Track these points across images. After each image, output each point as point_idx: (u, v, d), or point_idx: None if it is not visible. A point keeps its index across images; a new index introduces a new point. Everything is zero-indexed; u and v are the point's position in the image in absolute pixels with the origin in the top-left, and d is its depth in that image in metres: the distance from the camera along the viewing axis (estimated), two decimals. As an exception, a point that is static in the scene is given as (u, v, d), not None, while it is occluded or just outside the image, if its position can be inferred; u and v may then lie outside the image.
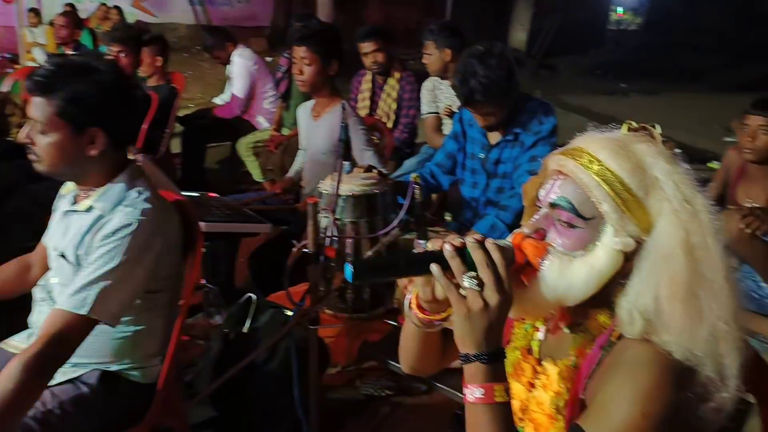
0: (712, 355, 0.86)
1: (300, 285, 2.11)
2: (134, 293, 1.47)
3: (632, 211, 0.90)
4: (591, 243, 0.92)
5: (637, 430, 0.82)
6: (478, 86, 2.19)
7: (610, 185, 0.90)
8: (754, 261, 2.19)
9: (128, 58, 3.61)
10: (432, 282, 0.98)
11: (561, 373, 0.99)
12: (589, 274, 0.91)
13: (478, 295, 0.87)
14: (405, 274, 0.94)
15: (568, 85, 8.97)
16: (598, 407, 0.87)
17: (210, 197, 2.64)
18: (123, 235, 1.44)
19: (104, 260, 1.42)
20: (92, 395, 1.57)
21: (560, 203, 0.94)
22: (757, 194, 2.46)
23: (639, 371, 0.85)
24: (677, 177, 0.91)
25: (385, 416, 2.37)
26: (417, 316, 1.03)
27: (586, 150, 0.94)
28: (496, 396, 0.86)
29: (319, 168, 2.77)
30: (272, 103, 4.44)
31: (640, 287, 0.89)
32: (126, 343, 1.60)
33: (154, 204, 1.51)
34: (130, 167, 1.56)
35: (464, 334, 0.88)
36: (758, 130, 2.36)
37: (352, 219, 1.99)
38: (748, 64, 8.81)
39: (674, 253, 0.87)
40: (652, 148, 0.94)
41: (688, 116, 6.90)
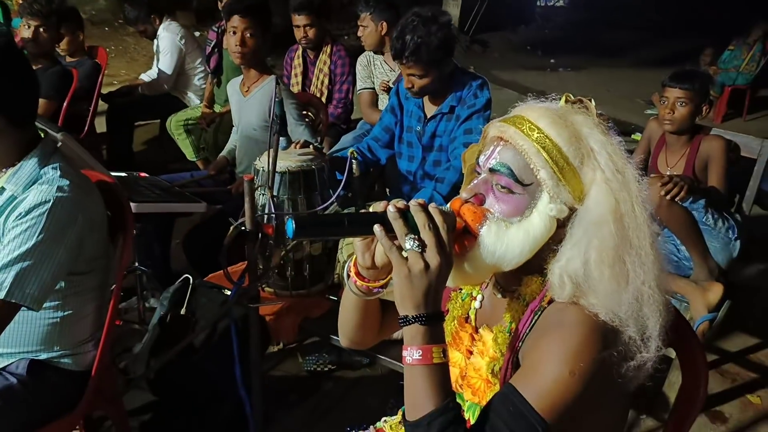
0: (635, 318, 0.90)
1: (238, 264, 2.08)
2: (56, 274, 1.40)
3: (567, 179, 0.93)
4: (527, 209, 0.94)
5: (566, 387, 0.86)
6: (412, 45, 2.20)
7: (549, 153, 0.93)
8: (673, 226, 2.32)
9: (48, 33, 3.37)
10: (372, 248, 0.99)
11: (495, 338, 1.03)
12: (525, 239, 0.93)
13: (419, 257, 0.88)
14: (346, 233, 0.94)
15: (499, 61, 9.11)
16: (530, 367, 0.91)
17: (140, 177, 2.55)
18: (39, 213, 1.36)
19: (20, 240, 1.35)
20: (21, 386, 1.51)
21: (499, 169, 0.96)
22: (676, 163, 2.59)
23: (567, 332, 0.89)
24: (611, 148, 0.95)
25: (329, 391, 2.40)
26: (356, 283, 1.04)
27: (527, 118, 0.97)
28: (434, 357, 0.88)
29: (252, 144, 2.72)
30: (202, 79, 4.30)
31: (571, 253, 0.92)
32: (54, 329, 1.53)
33: (71, 180, 1.44)
34: (42, 144, 1.48)
35: (404, 295, 0.89)
36: (676, 101, 2.48)
37: (289, 196, 1.97)
38: (667, 41, 9.21)
39: (604, 220, 0.90)
40: (589, 120, 0.97)
41: (612, 90, 7.18)
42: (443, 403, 0.87)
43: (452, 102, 2.39)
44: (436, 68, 2.28)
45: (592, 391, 0.87)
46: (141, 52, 7.94)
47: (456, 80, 2.40)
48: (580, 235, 0.91)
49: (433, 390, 0.88)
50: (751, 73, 6.24)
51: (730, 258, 2.44)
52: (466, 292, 1.14)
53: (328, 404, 2.33)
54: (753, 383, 2.54)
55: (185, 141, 4.05)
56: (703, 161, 2.51)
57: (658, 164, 2.65)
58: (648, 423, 2.27)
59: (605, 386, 0.90)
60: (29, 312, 1.43)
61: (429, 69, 2.27)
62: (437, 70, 2.29)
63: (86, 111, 3.67)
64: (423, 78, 2.29)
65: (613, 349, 0.88)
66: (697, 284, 2.32)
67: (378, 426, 1.33)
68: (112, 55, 6.31)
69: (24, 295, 1.34)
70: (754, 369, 2.62)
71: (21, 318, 1.47)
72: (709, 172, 2.49)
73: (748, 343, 2.76)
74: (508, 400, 0.88)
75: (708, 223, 2.40)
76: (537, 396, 0.86)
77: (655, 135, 2.72)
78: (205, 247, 2.47)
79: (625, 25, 10.30)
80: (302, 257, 2.01)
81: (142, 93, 4.26)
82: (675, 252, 2.44)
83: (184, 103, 4.26)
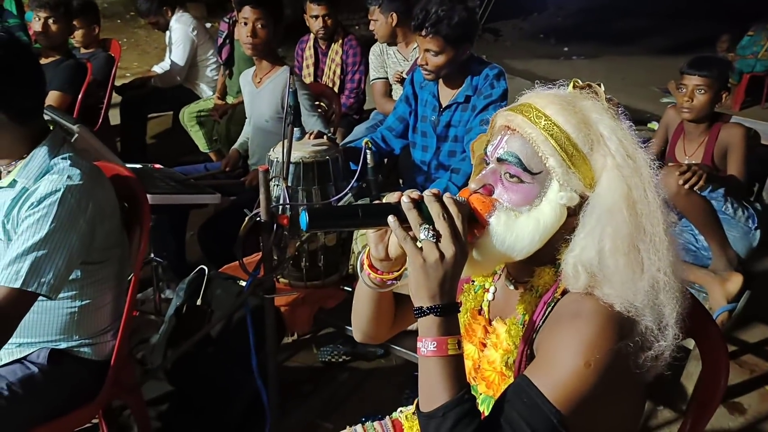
0: (651, 306, 0.89)
1: (253, 255, 2.08)
2: (70, 263, 1.42)
3: (577, 167, 0.92)
4: (537, 198, 0.93)
5: (581, 379, 0.85)
6: (434, 16, 2.19)
7: (557, 140, 0.91)
8: (692, 215, 2.29)
9: (58, 25, 3.38)
10: (385, 239, 0.98)
11: (509, 330, 1.02)
12: (535, 228, 0.92)
13: (434, 247, 0.87)
14: (361, 224, 0.94)
15: (512, 50, 9.02)
16: (544, 359, 0.90)
17: (155, 169, 2.55)
18: (50, 202, 1.38)
19: (34, 230, 1.37)
20: (41, 375, 1.52)
21: (508, 158, 0.95)
22: (694, 151, 2.56)
23: (582, 323, 0.88)
24: (621, 133, 0.93)
25: (344, 382, 2.40)
26: (369, 276, 1.03)
27: (534, 105, 0.95)
28: (449, 349, 0.88)
29: (265, 136, 2.72)
30: (214, 71, 4.29)
31: (585, 242, 0.90)
32: (73, 319, 1.55)
33: (81, 169, 1.46)
34: (51, 137, 1.50)
35: (419, 285, 0.88)
36: (695, 89, 2.43)
37: (303, 187, 1.96)
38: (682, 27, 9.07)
39: (617, 207, 0.89)
40: (598, 105, 0.95)
41: (626, 79, 7.08)
42: (458, 395, 0.87)
43: (468, 92, 2.37)
44: (453, 48, 2.26)
45: (608, 383, 0.86)
46: (153, 45, 7.96)
47: (472, 69, 2.37)
48: (594, 224, 0.90)
49: (448, 381, 0.87)
50: (770, 60, 6.13)
51: (750, 248, 2.41)
52: (478, 284, 1.13)
53: (343, 395, 2.34)
54: (772, 374, 2.51)
55: (198, 133, 4.06)
56: (722, 149, 2.47)
57: (676, 153, 2.62)
58: (665, 414, 2.26)
59: (621, 377, 0.89)
60: (48, 302, 1.44)
61: (446, 46, 2.25)
62: (454, 50, 2.27)
63: (100, 103, 3.68)
64: (438, 55, 2.27)
65: (630, 339, 0.87)
66: (716, 274, 2.29)
67: (394, 417, 1.33)
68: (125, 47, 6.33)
69: (40, 284, 1.35)
70: (773, 360, 2.59)
71: (40, 308, 1.49)
72: (728, 161, 2.45)
73: (767, 334, 2.72)
74: (522, 391, 0.87)
75: (727, 212, 2.36)
76: (552, 387, 0.86)
77: (672, 123, 2.68)
78: (220, 238, 2.48)
79: (639, 11, 10.15)
80: (317, 248, 2.01)
81: (155, 85, 4.27)
82: (693, 242, 2.41)
83: (196, 95, 4.26)
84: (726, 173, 2.44)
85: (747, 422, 2.28)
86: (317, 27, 3.61)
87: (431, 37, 2.23)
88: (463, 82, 2.38)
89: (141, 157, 3.83)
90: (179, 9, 4.27)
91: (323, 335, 2.58)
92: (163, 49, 4.51)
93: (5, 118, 1.41)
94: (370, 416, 1.95)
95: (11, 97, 1.41)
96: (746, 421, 2.28)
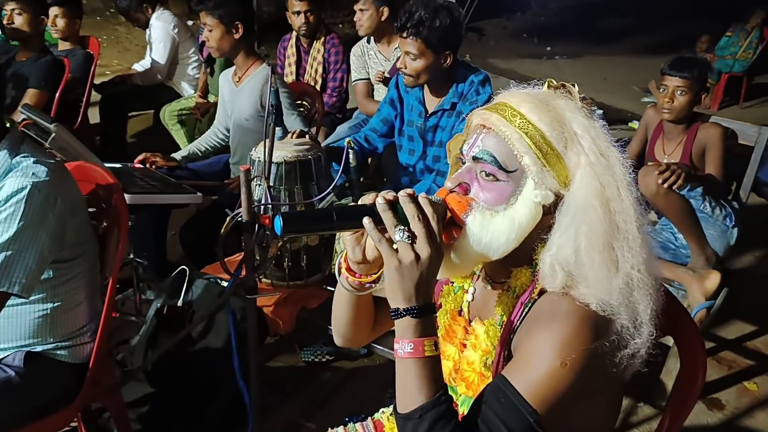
0: (626, 304, 0.89)
1: (235, 255, 2.07)
2: (42, 260, 1.40)
3: (551, 165, 0.92)
4: (512, 196, 0.93)
5: (558, 378, 0.86)
6: (417, 18, 2.19)
7: (531, 138, 0.92)
8: (671, 214, 2.32)
9: (24, 15, 3.26)
10: (362, 242, 0.98)
11: (487, 331, 1.02)
12: (510, 227, 0.92)
13: (409, 248, 0.87)
14: (336, 227, 0.92)
15: (495, 49, 9.06)
16: (521, 359, 0.90)
17: (135, 168, 2.53)
18: (17, 200, 1.36)
19: (1, 229, 1.35)
20: (18, 378, 1.50)
21: (483, 156, 0.95)
22: (673, 150, 2.58)
23: (558, 323, 0.88)
24: (594, 132, 0.94)
25: (327, 381, 2.40)
26: (347, 279, 1.03)
27: (508, 104, 0.96)
28: (426, 350, 0.88)
29: (245, 134, 2.70)
30: (196, 69, 4.25)
31: (561, 240, 0.91)
32: (46, 321, 1.53)
33: (45, 165, 1.43)
34: (11, 135, 1.47)
35: (395, 287, 0.88)
36: (675, 90, 2.45)
37: (286, 186, 1.95)
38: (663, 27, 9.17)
39: (591, 205, 0.90)
40: (571, 104, 0.96)
41: (608, 78, 7.15)
42: (435, 396, 0.87)
43: (454, 98, 2.37)
44: (433, 53, 2.26)
45: (584, 382, 0.87)
46: (133, 42, 7.86)
47: (458, 75, 2.38)
48: (569, 222, 0.91)
49: (425, 383, 0.87)
50: (747, 60, 6.23)
51: (728, 246, 2.45)
52: (458, 285, 1.13)
53: (326, 394, 2.33)
54: (749, 370, 2.55)
55: (179, 131, 4.02)
56: (701, 149, 2.50)
57: (656, 152, 2.64)
58: (645, 410, 2.28)
59: (598, 377, 0.90)
60: (20, 306, 1.42)
61: (425, 50, 2.24)
62: (434, 55, 2.26)
63: (79, 101, 3.63)
64: (417, 59, 2.26)
65: (605, 339, 0.88)
66: (695, 272, 2.32)
67: (376, 418, 1.33)
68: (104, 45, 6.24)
69: (11, 283, 1.34)
70: (751, 356, 2.63)
71: (11, 312, 1.47)
72: (706, 160, 2.48)
73: (744, 331, 2.77)
74: (499, 391, 0.88)
75: (705, 210, 2.39)
76: (528, 387, 0.86)
77: (652, 123, 2.71)
78: (202, 238, 2.46)
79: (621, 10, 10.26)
80: (299, 248, 2.00)
81: (135, 83, 4.22)
82: (672, 240, 2.44)
83: (177, 93, 4.22)
84: (704, 172, 2.47)
85: (726, 418, 2.31)
86: (299, 23, 3.59)
87: (412, 38, 2.23)
88: (449, 90, 2.38)
89: (121, 155, 3.79)
90: (160, 6, 4.22)
91: (306, 335, 2.57)
92: (144, 46, 4.46)
93: None
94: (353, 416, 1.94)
95: None
96: (725, 417, 2.32)
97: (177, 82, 4.26)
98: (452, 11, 2.25)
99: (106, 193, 1.68)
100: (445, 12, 2.22)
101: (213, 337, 1.98)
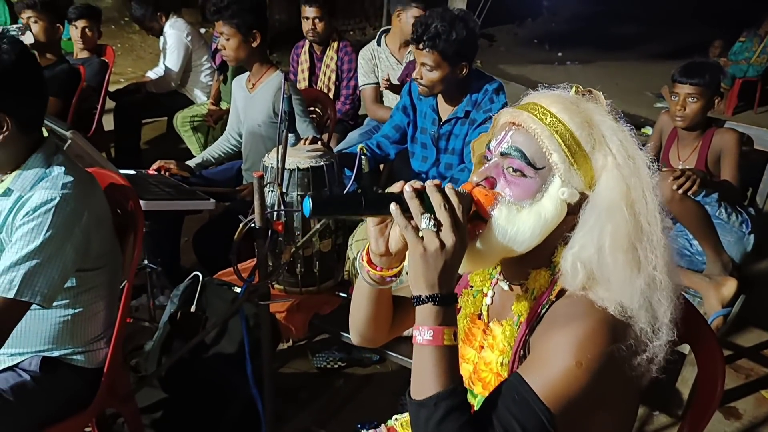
0: (647, 306, 0.90)
1: (248, 261, 2.07)
2: (65, 272, 1.41)
3: (579, 164, 0.94)
4: (539, 192, 0.94)
5: (573, 378, 0.86)
6: (433, 30, 2.18)
7: (561, 137, 0.94)
8: (686, 220, 2.29)
9: (39, 23, 3.30)
10: (386, 234, 0.98)
11: (504, 332, 1.03)
12: (536, 222, 0.93)
13: (434, 236, 0.88)
14: (364, 212, 0.94)
15: (506, 55, 9.05)
16: (537, 357, 0.91)
17: (149, 175, 2.54)
18: (45, 210, 1.37)
19: (28, 239, 1.35)
20: (34, 383, 1.51)
21: (511, 152, 0.96)
22: (688, 156, 2.56)
23: (575, 323, 0.89)
24: (621, 135, 0.95)
25: (339, 388, 2.39)
26: (368, 272, 1.03)
27: (539, 104, 0.98)
28: (445, 339, 0.88)
29: (257, 141, 2.71)
30: (209, 76, 4.29)
31: (584, 239, 0.92)
32: (66, 327, 1.54)
33: (75, 177, 1.44)
34: (46, 144, 1.48)
35: (419, 274, 0.88)
36: (687, 98, 2.43)
37: (298, 192, 1.96)
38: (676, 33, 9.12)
39: (617, 206, 0.91)
40: (600, 108, 0.98)
41: (620, 84, 7.11)
42: (451, 386, 0.87)
43: (467, 107, 2.37)
44: (449, 65, 2.26)
45: (599, 385, 0.87)
46: (147, 50, 7.95)
47: (472, 85, 2.37)
48: (593, 222, 0.92)
49: (442, 371, 0.87)
50: (762, 65, 6.18)
51: (744, 252, 2.42)
52: (476, 289, 1.14)
53: (338, 402, 2.33)
54: (767, 379, 2.51)
55: (191, 138, 4.05)
56: (716, 154, 2.48)
57: (670, 158, 2.62)
58: (661, 419, 2.26)
59: (613, 381, 0.89)
60: (41, 310, 1.43)
61: (441, 62, 2.24)
62: (449, 67, 2.26)
63: (94, 109, 3.67)
64: (433, 71, 2.26)
65: (623, 342, 0.88)
66: (711, 279, 2.29)
67: (389, 425, 1.32)
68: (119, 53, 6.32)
69: (34, 293, 1.34)
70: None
71: (32, 316, 1.48)
72: (722, 166, 2.46)
73: (762, 339, 2.73)
74: (513, 388, 0.88)
75: (721, 217, 2.37)
76: (543, 385, 0.86)
77: (666, 128, 2.69)
78: (215, 244, 2.46)
79: (633, 17, 10.22)
80: (312, 254, 2.00)
81: (149, 90, 4.26)
82: (688, 247, 2.41)
83: (190, 100, 4.26)
84: (720, 178, 2.45)
85: (743, 427, 2.28)
86: (307, 29, 3.60)
87: (428, 51, 2.22)
88: (463, 98, 2.38)
89: (136, 162, 3.82)
90: (174, 14, 4.27)
91: (318, 341, 2.57)
92: (158, 54, 4.50)
93: (14, 127, 1.39)
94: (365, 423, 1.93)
95: (20, 105, 1.40)
96: (742, 426, 2.28)
97: (190, 90, 4.30)
98: (468, 22, 2.24)
99: (121, 200, 1.69)
100: (461, 24, 2.21)
101: (226, 344, 1.98)
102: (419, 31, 2.22)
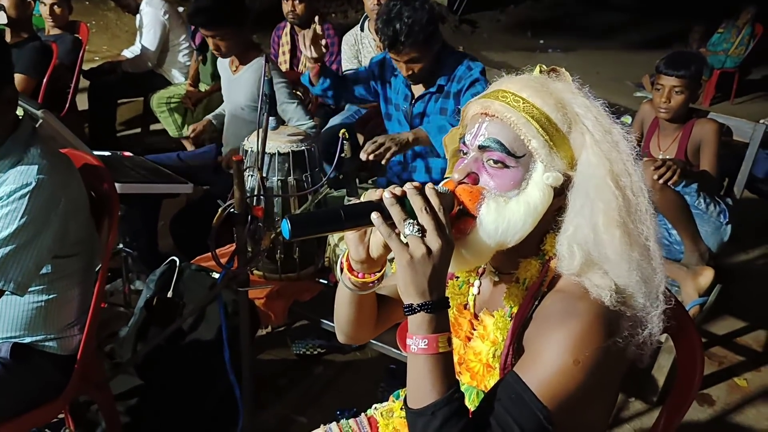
0: (645, 278, 0.90)
1: (227, 246, 2.04)
2: (40, 259, 1.36)
3: (558, 146, 0.92)
4: (523, 181, 0.93)
5: (570, 376, 0.85)
6: (404, 28, 2.14)
7: (538, 121, 0.92)
8: (665, 210, 2.31)
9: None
10: (365, 240, 0.96)
11: (497, 323, 1.01)
12: (526, 211, 0.91)
13: (420, 242, 0.85)
14: (345, 227, 0.90)
15: (488, 42, 9.02)
16: (533, 355, 0.90)
17: (124, 156, 2.48)
18: (20, 195, 1.32)
19: (1, 225, 1.31)
20: (5, 370, 1.47)
21: (490, 144, 0.93)
22: (668, 146, 2.57)
23: (571, 321, 0.87)
24: (596, 110, 0.94)
25: (319, 375, 2.38)
26: (350, 279, 1.01)
27: (508, 90, 0.95)
28: (440, 347, 0.86)
29: (239, 124, 2.67)
30: (187, 56, 4.19)
31: (578, 220, 0.91)
32: (39, 313, 1.49)
33: (52, 161, 1.39)
34: (22, 126, 1.43)
35: (408, 282, 0.86)
36: (672, 90, 2.42)
37: (279, 177, 1.92)
38: (656, 22, 9.19)
39: (603, 183, 0.90)
40: (569, 86, 0.97)
41: (601, 72, 7.14)
42: (448, 393, 0.86)
43: (440, 80, 2.34)
44: (431, 45, 2.23)
45: (596, 380, 0.87)
46: (123, 28, 7.74)
47: (443, 58, 2.34)
48: (582, 202, 0.91)
49: (438, 379, 0.86)
50: (739, 56, 6.25)
51: (721, 242, 2.45)
52: (462, 279, 1.12)
53: (318, 388, 2.31)
54: (740, 366, 2.57)
55: (168, 119, 3.96)
56: (696, 145, 2.50)
57: (651, 148, 2.63)
58: (636, 405, 2.29)
59: (608, 375, 0.89)
60: (13, 296, 1.38)
61: (425, 47, 2.21)
62: (433, 46, 2.24)
63: (67, 88, 3.57)
64: (422, 60, 2.24)
65: (618, 335, 0.87)
66: (688, 268, 2.32)
67: (369, 414, 1.31)
68: (93, 30, 6.14)
69: (7, 281, 1.30)
70: (741, 352, 2.65)
71: (4, 302, 1.44)
72: (701, 156, 2.47)
73: (735, 327, 2.78)
74: (510, 387, 0.87)
75: (700, 207, 2.39)
76: (539, 384, 0.85)
77: (647, 118, 2.70)
78: (193, 228, 2.42)
79: (614, 5, 10.26)
80: (292, 240, 1.97)
81: (125, 70, 4.15)
82: (666, 236, 2.43)
83: (167, 81, 4.15)
84: (699, 168, 2.46)
85: (716, 413, 2.33)
86: (287, 10, 3.53)
87: (410, 48, 2.19)
88: (437, 74, 2.35)
89: (110, 143, 3.73)
90: (150, -9, 4.15)
91: (298, 328, 2.55)
92: (134, 32, 4.38)
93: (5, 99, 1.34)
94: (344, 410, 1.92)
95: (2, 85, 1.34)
96: (715, 413, 2.33)
97: (167, 70, 4.19)
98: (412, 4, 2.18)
99: (95, 182, 1.64)
100: (417, 3, 2.17)
101: (204, 330, 1.95)
102: (390, 36, 2.16)
